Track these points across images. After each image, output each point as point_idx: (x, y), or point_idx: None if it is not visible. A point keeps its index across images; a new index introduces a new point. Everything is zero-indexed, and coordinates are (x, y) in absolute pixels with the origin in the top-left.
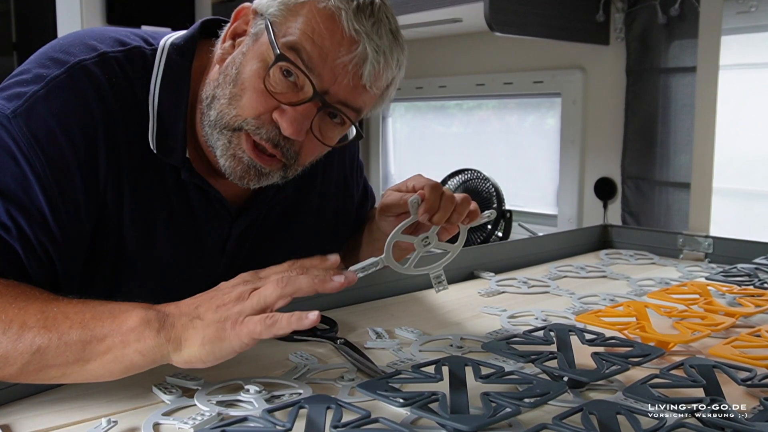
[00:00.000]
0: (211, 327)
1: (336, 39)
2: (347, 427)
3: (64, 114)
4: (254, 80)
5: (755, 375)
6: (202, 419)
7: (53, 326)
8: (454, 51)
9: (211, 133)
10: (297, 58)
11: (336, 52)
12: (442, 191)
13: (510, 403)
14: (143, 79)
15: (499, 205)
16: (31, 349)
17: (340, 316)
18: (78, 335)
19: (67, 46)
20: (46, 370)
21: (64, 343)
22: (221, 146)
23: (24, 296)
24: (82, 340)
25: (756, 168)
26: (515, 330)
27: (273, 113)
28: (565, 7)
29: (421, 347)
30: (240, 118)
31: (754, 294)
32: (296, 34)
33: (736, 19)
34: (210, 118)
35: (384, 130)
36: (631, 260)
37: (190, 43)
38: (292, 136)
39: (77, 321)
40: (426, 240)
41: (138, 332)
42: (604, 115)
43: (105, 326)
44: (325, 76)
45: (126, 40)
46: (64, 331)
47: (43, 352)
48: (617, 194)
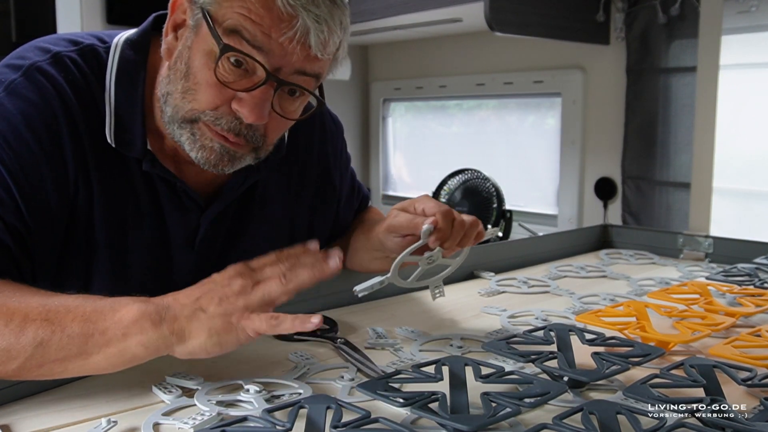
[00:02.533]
0: (217, 319)
1: (274, 16)
2: (347, 427)
3: (26, 112)
4: (205, 73)
5: (755, 375)
6: (202, 419)
7: (55, 319)
8: (454, 51)
9: (173, 129)
10: (241, 41)
11: (278, 29)
12: (453, 217)
13: (510, 403)
14: (98, 75)
15: (499, 205)
16: (34, 342)
17: (340, 316)
18: (80, 328)
19: (20, 52)
20: (48, 364)
21: (66, 336)
22: (187, 140)
23: (23, 291)
24: (85, 333)
25: (756, 168)
26: (515, 330)
27: (231, 103)
28: (565, 6)
29: (421, 347)
30: (196, 111)
31: (755, 294)
32: (234, 17)
33: (737, 18)
34: (167, 114)
35: (384, 130)
36: (632, 260)
37: (142, 37)
38: (256, 122)
39: (79, 314)
40: (431, 258)
41: (139, 325)
42: (604, 115)
43: (107, 319)
44: (274, 54)
45: (79, 40)
46: (66, 324)
47: (46, 345)
48: (617, 194)
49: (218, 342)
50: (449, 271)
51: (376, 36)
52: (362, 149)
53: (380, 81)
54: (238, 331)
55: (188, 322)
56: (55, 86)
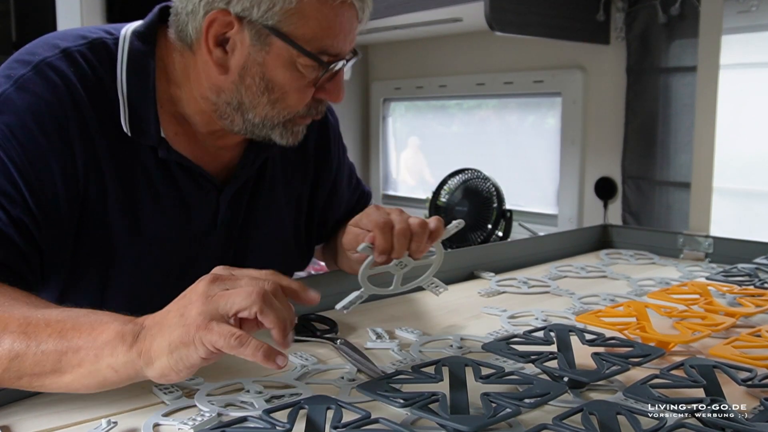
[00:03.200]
0: (176, 331)
1: (345, 19)
2: (347, 427)
3: (34, 106)
4: (294, 82)
5: (755, 375)
6: (202, 420)
7: (33, 333)
8: (455, 50)
9: (261, 130)
10: (326, 55)
11: (348, 26)
12: (391, 228)
13: (510, 404)
14: (108, 67)
15: (500, 205)
16: (9, 355)
17: (340, 316)
18: (54, 345)
19: (30, 48)
20: (26, 378)
21: (41, 352)
22: (279, 134)
23: (11, 300)
24: (58, 350)
25: (756, 168)
26: (515, 330)
27: (315, 93)
28: (566, 6)
29: (421, 347)
30: (290, 113)
31: (755, 294)
32: (320, 37)
33: (737, 18)
34: (251, 120)
35: (384, 130)
36: (632, 260)
37: (149, 28)
38: (341, 99)
39: (56, 330)
40: (401, 264)
41: (111, 346)
42: (605, 115)
43: (81, 338)
44: (344, 41)
45: (87, 34)
46: (42, 339)
47: (21, 358)
48: (617, 194)
49: (179, 358)
50: (432, 270)
51: (376, 35)
52: (362, 149)
53: (380, 81)
54: (196, 344)
55: (152, 340)
56: (64, 81)
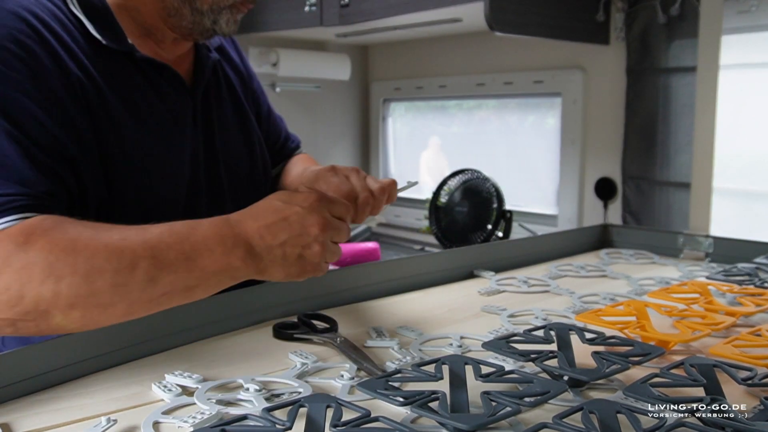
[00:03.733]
0: (295, 267)
1: None
2: (347, 426)
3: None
4: None
5: (756, 374)
6: (201, 418)
7: (161, 256)
8: (454, 51)
9: (208, 18)
10: None
11: None
12: (355, 199)
13: (510, 402)
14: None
15: (499, 205)
16: (145, 279)
17: (340, 315)
18: (184, 265)
19: None
20: (156, 299)
21: (173, 272)
22: (225, 21)
23: (113, 228)
24: (188, 268)
25: (756, 168)
26: (515, 329)
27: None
28: (565, 6)
29: (421, 346)
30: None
31: (755, 293)
32: None
33: (737, 18)
34: (199, 9)
35: (384, 130)
36: (632, 260)
37: None
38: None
39: (180, 250)
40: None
41: (232, 264)
42: (604, 115)
43: (204, 257)
44: None
45: None
46: (171, 261)
47: (156, 281)
48: (617, 194)
49: (288, 279)
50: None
51: (376, 36)
52: (362, 149)
53: (380, 81)
54: (307, 277)
55: (272, 265)
56: (24, 9)
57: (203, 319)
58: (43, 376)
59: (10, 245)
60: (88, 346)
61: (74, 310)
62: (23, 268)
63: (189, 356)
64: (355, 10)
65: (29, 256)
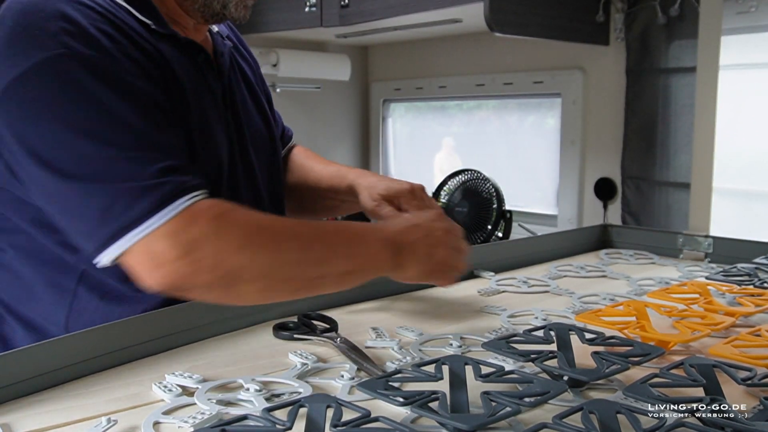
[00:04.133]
0: (427, 266)
1: None
2: (347, 426)
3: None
4: None
5: (755, 374)
6: (202, 418)
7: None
8: (454, 51)
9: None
10: None
11: None
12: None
13: (510, 402)
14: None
15: (499, 206)
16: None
17: (340, 315)
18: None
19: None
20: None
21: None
22: (233, 5)
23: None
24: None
25: (756, 168)
26: (515, 329)
27: None
28: (565, 7)
29: (421, 346)
30: None
31: (754, 294)
32: None
33: (736, 19)
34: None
35: (384, 130)
36: (631, 260)
37: None
38: None
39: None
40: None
41: (383, 254)
42: (604, 115)
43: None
44: None
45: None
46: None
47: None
48: (617, 194)
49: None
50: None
51: (376, 36)
52: (362, 149)
53: (380, 82)
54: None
55: (409, 266)
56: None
57: (203, 319)
58: (44, 377)
59: (206, 218)
60: (88, 346)
61: (259, 281)
62: (221, 239)
63: (189, 356)
64: (355, 11)
65: (225, 230)
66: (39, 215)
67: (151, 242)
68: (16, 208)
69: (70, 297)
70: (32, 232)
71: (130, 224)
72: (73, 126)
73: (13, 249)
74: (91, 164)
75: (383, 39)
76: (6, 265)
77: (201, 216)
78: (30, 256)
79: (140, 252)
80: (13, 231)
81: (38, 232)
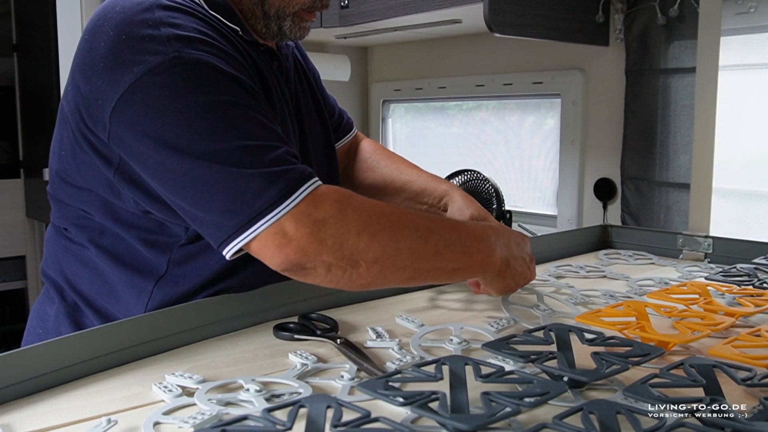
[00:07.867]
0: (509, 283)
1: None
2: (347, 426)
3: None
4: None
5: (755, 375)
6: (202, 418)
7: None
8: (454, 52)
9: (275, 22)
10: None
11: None
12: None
13: (510, 403)
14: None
15: (499, 206)
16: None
17: (340, 315)
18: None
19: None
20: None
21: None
22: (288, 26)
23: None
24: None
25: (756, 168)
26: (515, 329)
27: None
28: (565, 8)
29: (422, 346)
30: (297, 4)
31: (754, 294)
32: None
33: (736, 19)
34: (267, 12)
35: (384, 131)
36: (631, 260)
37: None
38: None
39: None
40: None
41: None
42: (604, 116)
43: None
44: None
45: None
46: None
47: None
48: (617, 195)
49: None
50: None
51: (375, 37)
52: None
53: (380, 82)
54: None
55: (510, 279)
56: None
57: (203, 319)
58: (44, 377)
59: (330, 201)
60: (88, 346)
61: (376, 264)
62: (344, 221)
63: (189, 357)
64: (355, 12)
65: (348, 212)
66: (128, 218)
67: (280, 224)
68: (108, 210)
69: (146, 298)
70: (120, 234)
71: (261, 211)
72: (198, 116)
73: (97, 248)
74: (223, 150)
75: (383, 40)
76: (88, 262)
77: (325, 199)
78: (112, 256)
79: (269, 234)
80: (98, 231)
81: (127, 234)
